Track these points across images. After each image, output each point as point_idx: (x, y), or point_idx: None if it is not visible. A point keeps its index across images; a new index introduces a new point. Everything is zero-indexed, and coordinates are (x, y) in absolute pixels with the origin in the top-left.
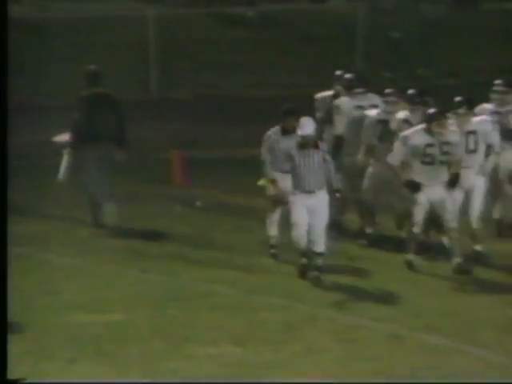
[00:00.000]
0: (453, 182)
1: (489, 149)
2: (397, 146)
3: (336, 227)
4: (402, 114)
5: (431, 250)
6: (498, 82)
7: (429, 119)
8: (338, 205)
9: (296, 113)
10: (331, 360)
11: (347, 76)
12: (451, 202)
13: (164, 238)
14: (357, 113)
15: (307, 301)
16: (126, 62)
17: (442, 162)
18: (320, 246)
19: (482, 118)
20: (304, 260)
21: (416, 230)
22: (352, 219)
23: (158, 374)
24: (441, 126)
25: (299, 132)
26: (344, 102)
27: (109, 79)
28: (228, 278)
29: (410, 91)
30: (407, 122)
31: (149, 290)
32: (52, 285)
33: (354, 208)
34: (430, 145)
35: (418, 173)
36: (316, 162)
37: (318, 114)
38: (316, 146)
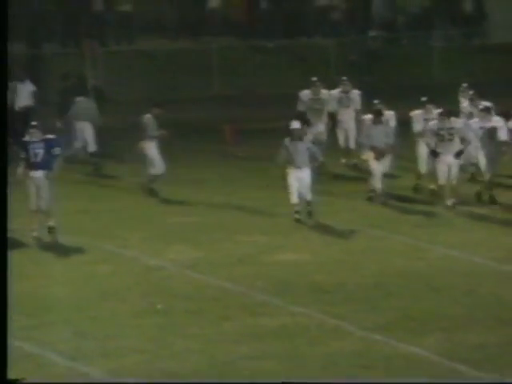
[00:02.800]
0: (458, 154)
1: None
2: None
3: None
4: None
5: None
6: (464, 84)
7: (439, 114)
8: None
9: (382, 114)
10: (315, 243)
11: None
12: (456, 165)
13: (216, 175)
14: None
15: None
16: (199, 73)
17: (449, 140)
18: (308, 196)
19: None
20: (297, 210)
21: (441, 182)
22: None
23: (219, 251)
24: (446, 118)
25: (290, 127)
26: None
27: (189, 84)
28: (258, 197)
29: (423, 98)
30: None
31: (211, 198)
32: (151, 201)
33: None
34: (440, 129)
35: (437, 146)
36: (302, 148)
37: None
38: (301, 138)
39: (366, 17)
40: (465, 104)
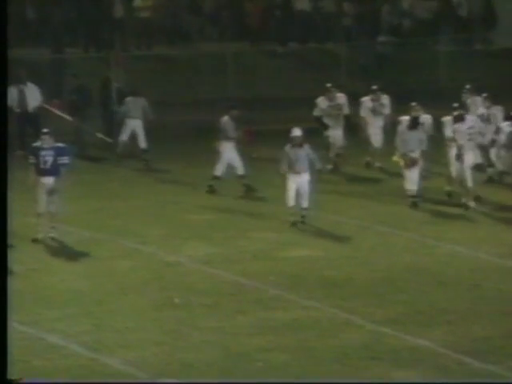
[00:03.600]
0: (457, 157)
1: None
2: None
3: None
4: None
5: None
6: (467, 86)
7: (453, 118)
8: None
9: (418, 122)
10: (325, 239)
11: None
12: (458, 168)
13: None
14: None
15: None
16: (215, 76)
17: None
18: (305, 203)
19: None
20: (292, 213)
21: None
22: None
23: (234, 247)
24: (459, 121)
25: (291, 134)
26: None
27: (205, 87)
28: (270, 195)
29: (455, 104)
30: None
31: (225, 197)
32: (168, 200)
33: None
34: (454, 131)
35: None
36: (301, 154)
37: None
38: (301, 145)
39: (375, 23)
40: (481, 108)
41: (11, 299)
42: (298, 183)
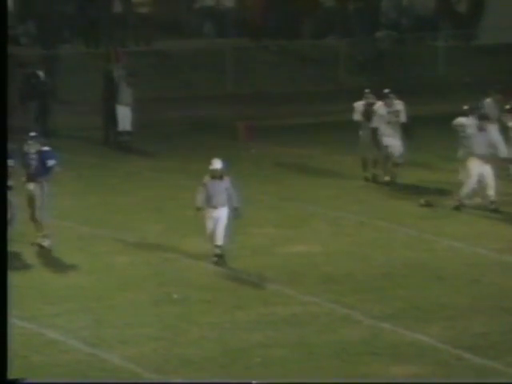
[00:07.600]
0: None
1: None
2: None
3: None
4: None
5: None
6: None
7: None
8: None
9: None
10: (324, 235)
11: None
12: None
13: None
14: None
15: (307, 199)
16: (213, 72)
17: None
18: (219, 241)
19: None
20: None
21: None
22: None
23: (233, 243)
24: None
25: (210, 167)
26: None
27: (203, 82)
28: (269, 191)
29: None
30: None
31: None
32: (167, 195)
33: None
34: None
35: None
36: (221, 187)
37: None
38: (221, 177)
39: (374, 18)
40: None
41: (10, 295)
42: (215, 219)
